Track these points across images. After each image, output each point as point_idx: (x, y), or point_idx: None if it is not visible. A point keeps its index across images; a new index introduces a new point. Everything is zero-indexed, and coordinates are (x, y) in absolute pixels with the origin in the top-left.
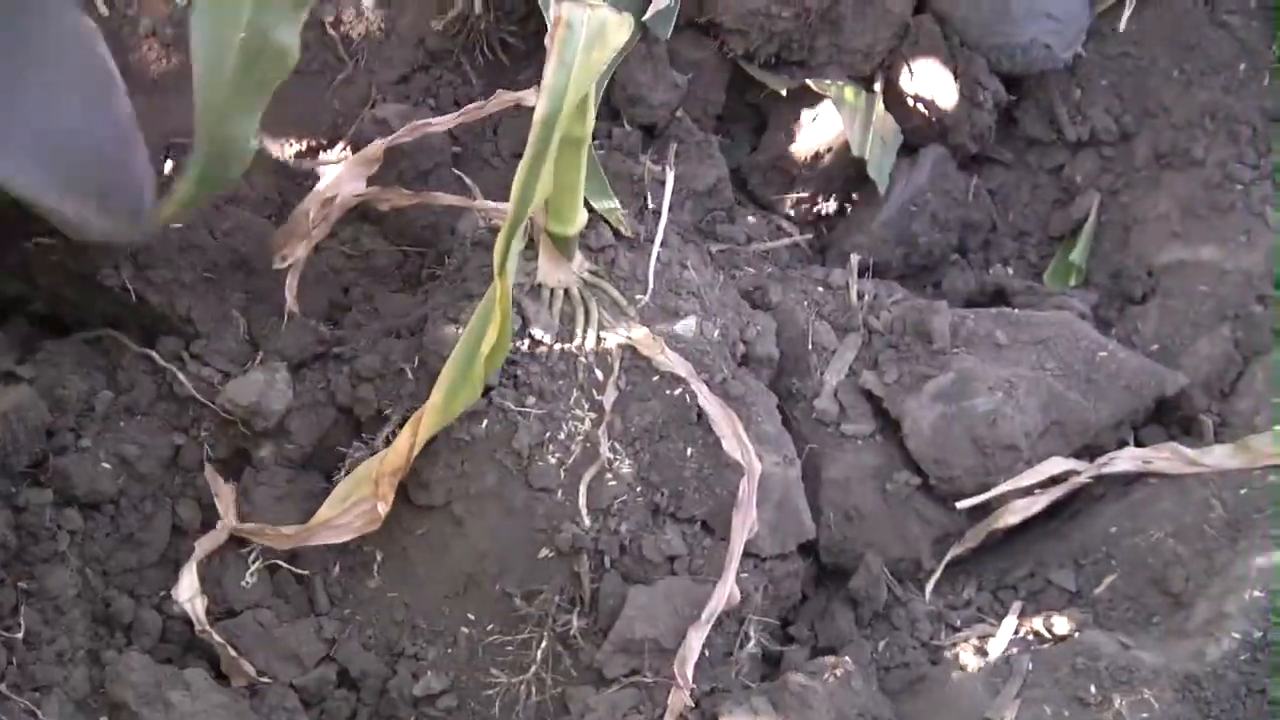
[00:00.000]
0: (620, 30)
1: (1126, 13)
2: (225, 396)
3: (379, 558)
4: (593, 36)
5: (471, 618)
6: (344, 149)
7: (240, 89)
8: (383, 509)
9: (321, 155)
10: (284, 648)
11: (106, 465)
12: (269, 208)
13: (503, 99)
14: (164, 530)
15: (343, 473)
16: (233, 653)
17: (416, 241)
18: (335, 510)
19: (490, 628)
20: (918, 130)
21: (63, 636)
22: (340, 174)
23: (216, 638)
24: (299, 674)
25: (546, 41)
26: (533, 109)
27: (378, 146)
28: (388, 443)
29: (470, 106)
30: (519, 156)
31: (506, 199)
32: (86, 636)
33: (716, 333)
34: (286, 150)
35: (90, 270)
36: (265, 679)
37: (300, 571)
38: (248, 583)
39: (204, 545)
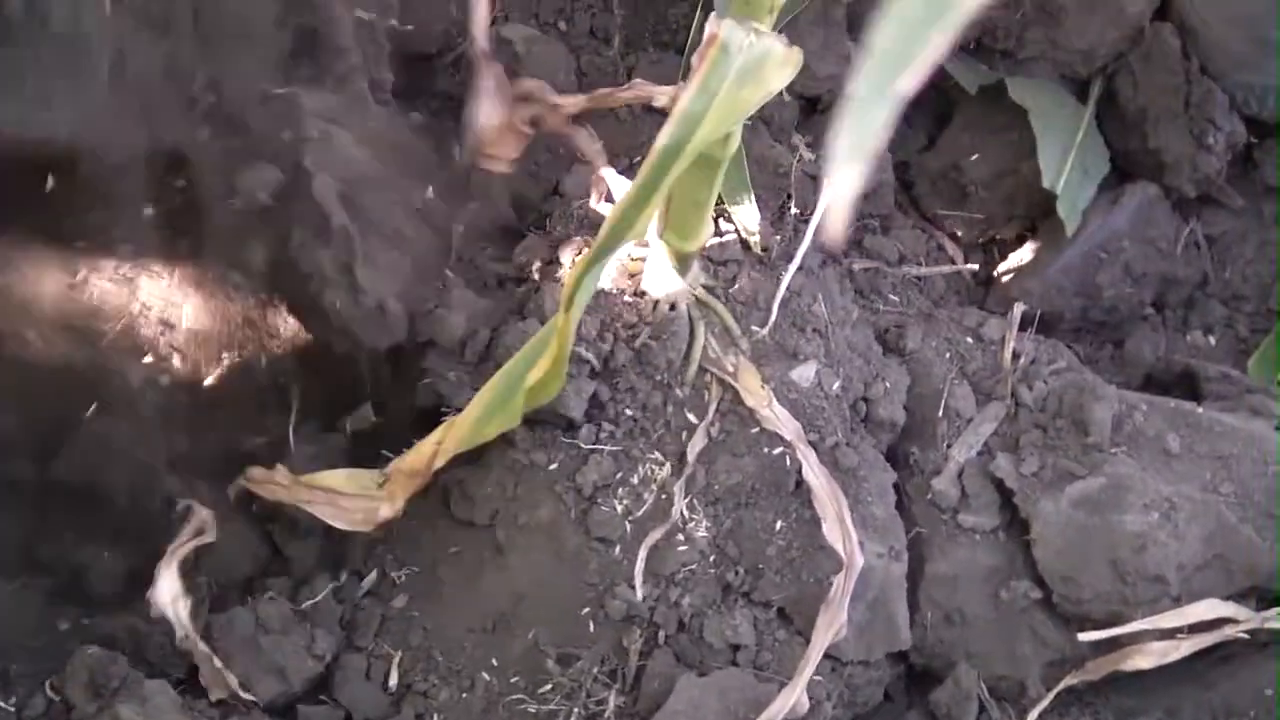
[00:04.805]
0: (784, 69)
1: None
2: None
3: (402, 562)
4: (748, 68)
5: (495, 664)
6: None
7: None
8: (386, 512)
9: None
10: (268, 661)
11: None
12: None
13: (638, 91)
14: None
15: None
16: (217, 664)
17: (521, 191)
18: (342, 484)
19: (514, 681)
20: (1130, 158)
21: None
22: None
23: (201, 648)
24: (282, 691)
25: (694, 59)
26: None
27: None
28: None
29: (600, 91)
30: (650, 111)
31: (628, 160)
32: None
33: (837, 384)
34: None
35: None
36: (246, 694)
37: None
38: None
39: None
